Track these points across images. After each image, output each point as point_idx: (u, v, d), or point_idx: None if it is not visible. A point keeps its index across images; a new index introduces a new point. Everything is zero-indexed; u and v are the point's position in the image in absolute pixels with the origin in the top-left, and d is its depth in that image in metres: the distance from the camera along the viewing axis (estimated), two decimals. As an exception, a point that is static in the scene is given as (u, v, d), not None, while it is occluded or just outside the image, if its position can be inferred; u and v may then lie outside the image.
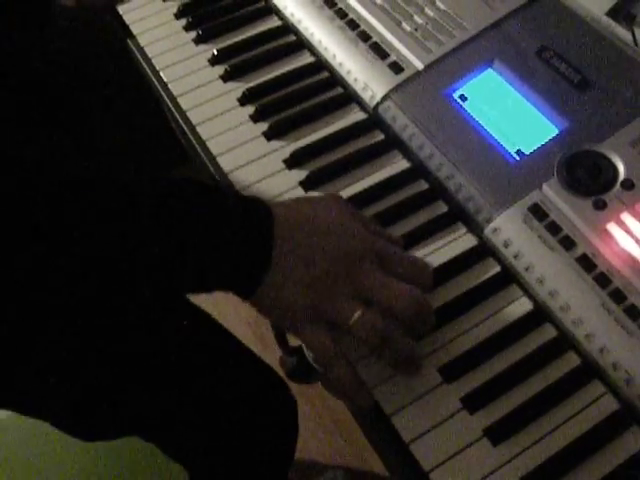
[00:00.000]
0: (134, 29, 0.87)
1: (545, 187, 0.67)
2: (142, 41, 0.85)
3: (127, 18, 0.88)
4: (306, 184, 0.72)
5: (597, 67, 0.72)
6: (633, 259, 0.62)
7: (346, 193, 0.71)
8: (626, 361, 0.59)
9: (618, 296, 0.61)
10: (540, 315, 0.64)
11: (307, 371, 1.62)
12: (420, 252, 0.67)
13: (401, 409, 0.60)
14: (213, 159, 0.75)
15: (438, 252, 0.68)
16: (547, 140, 0.70)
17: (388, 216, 0.70)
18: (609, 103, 0.70)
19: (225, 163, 0.74)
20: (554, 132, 0.70)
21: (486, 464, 0.58)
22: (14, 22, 0.80)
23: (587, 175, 0.67)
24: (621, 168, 0.66)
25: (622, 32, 0.75)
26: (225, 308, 1.68)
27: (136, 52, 0.85)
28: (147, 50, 0.84)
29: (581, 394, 0.60)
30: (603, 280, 0.62)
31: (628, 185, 0.65)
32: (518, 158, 0.69)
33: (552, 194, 0.66)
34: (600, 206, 0.65)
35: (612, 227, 0.64)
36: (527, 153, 0.69)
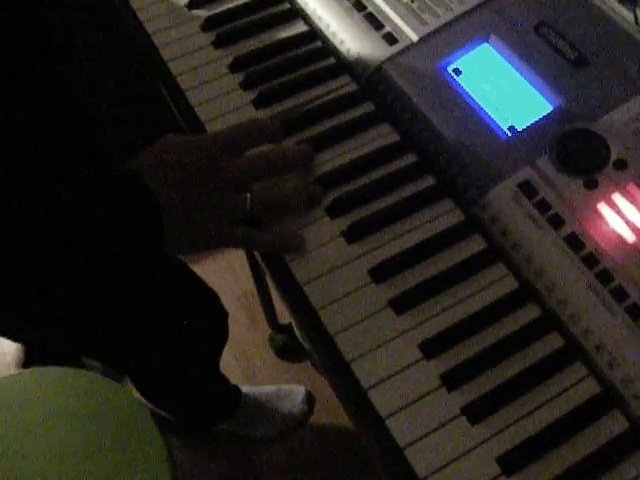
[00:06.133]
0: (126, -8, 0.85)
1: (536, 164, 0.65)
2: (135, 5, 0.84)
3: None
4: (293, 154, 0.70)
5: (595, 45, 0.71)
6: (622, 240, 0.61)
7: (335, 164, 0.70)
8: (610, 344, 0.58)
9: (605, 277, 0.60)
10: (525, 294, 0.63)
11: (296, 349, 1.63)
12: (406, 226, 0.66)
13: (379, 383, 0.59)
14: (201, 126, 0.74)
15: (425, 226, 0.66)
16: (540, 117, 0.68)
17: (376, 188, 0.68)
18: (605, 82, 0.69)
19: (212, 130, 0.73)
20: (548, 109, 0.68)
21: (463, 443, 0.57)
22: None
23: (579, 154, 0.65)
24: (614, 148, 0.65)
25: (624, 11, 0.73)
26: (216, 284, 1.68)
27: (127, 15, 0.83)
28: (139, 13, 0.83)
29: (563, 375, 0.59)
30: (591, 260, 0.61)
31: (620, 165, 0.64)
32: (510, 134, 0.68)
33: (543, 172, 0.65)
34: (591, 186, 0.64)
35: (602, 207, 0.63)
36: (519, 129, 0.68)
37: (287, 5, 0.83)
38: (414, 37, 0.74)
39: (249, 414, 1.49)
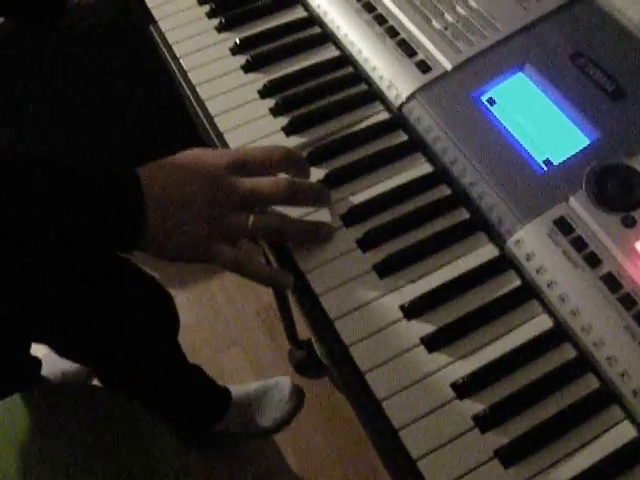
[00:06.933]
0: (156, 14, 0.84)
1: (572, 200, 0.64)
2: (163, 26, 0.83)
3: (149, 2, 0.86)
4: (324, 184, 0.69)
5: (633, 77, 0.69)
6: (661, 281, 0.60)
7: (366, 195, 0.69)
8: (648, 388, 0.57)
9: (643, 319, 0.59)
10: (560, 334, 0.61)
11: (315, 365, 1.63)
12: (439, 260, 0.65)
13: (410, 423, 0.58)
14: (230, 152, 0.73)
15: (457, 261, 0.65)
16: (577, 151, 0.67)
17: (408, 221, 0.67)
18: (644, 115, 0.67)
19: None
20: (585, 143, 0.67)
21: (496, 486, 0.56)
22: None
23: (617, 190, 0.64)
24: (653, 184, 0.64)
25: (661, 41, 0.72)
26: (235, 298, 1.68)
27: (157, 37, 0.83)
28: (168, 36, 0.82)
29: (598, 419, 0.58)
30: (628, 301, 0.59)
31: (660, 203, 0.63)
32: (546, 168, 0.67)
33: (579, 208, 0.63)
34: (629, 223, 0.62)
35: (641, 246, 0.61)
36: (555, 163, 0.67)
37: (318, 29, 0.82)
38: (448, 65, 0.73)
39: (242, 411, 1.52)
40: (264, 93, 0.77)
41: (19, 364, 1.42)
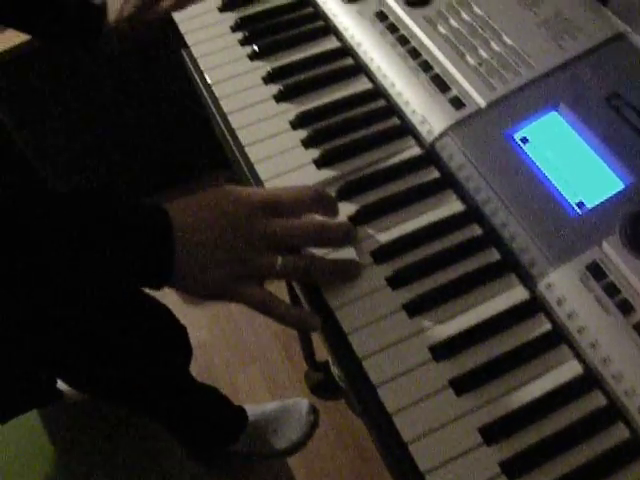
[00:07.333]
0: (188, 39, 0.84)
1: (605, 245, 0.63)
2: (196, 52, 0.83)
3: (182, 27, 0.86)
4: (354, 220, 0.69)
5: (669, 120, 0.69)
6: (695, 331, 0.59)
7: (396, 232, 0.68)
8: (680, 440, 0.56)
9: (676, 370, 0.58)
10: (590, 381, 0.61)
11: (332, 387, 1.62)
12: (469, 301, 0.65)
13: (437, 468, 0.58)
14: (260, 184, 0.73)
15: (487, 303, 0.65)
16: (611, 195, 0.66)
17: (438, 260, 0.67)
18: (680, 161, 0.67)
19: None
20: (619, 187, 0.66)
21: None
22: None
23: (651, 236, 0.63)
24: (688, 235, 0.63)
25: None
26: (254, 319, 1.67)
27: (189, 63, 0.83)
28: (200, 62, 0.82)
29: (629, 470, 0.57)
30: (661, 351, 0.59)
31: (695, 251, 0.62)
32: (579, 211, 0.66)
33: (612, 253, 0.63)
34: (663, 271, 0.62)
35: (674, 295, 0.61)
36: (589, 207, 0.66)
37: (351, 60, 0.82)
38: (481, 102, 0.73)
39: (258, 432, 1.52)
40: (296, 124, 0.77)
41: (35, 379, 1.43)
